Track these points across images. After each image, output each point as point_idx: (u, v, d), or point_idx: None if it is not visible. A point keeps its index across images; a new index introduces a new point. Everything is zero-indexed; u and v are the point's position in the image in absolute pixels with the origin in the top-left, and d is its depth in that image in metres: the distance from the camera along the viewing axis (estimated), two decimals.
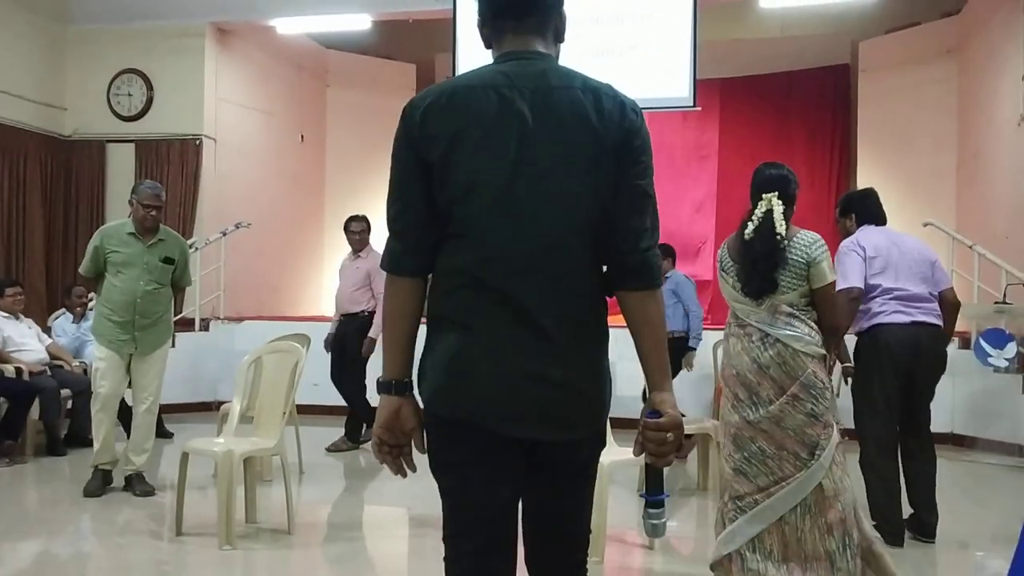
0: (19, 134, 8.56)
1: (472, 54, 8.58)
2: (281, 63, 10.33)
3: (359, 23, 9.15)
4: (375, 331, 6.58)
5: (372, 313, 6.74)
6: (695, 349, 6.45)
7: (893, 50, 9.64)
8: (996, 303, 6.80)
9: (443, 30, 8.84)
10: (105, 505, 5.03)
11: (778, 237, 3.30)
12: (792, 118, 10.56)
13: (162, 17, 9.02)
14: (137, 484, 5.14)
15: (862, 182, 9.93)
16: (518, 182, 1.74)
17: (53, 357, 6.76)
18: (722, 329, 4.94)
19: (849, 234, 4.48)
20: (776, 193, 3.38)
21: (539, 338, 1.75)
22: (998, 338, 6.63)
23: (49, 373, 6.57)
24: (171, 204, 9.05)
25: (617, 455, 4.18)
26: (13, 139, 8.49)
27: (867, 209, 4.51)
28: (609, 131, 1.77)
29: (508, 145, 1.74)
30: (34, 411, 6.28)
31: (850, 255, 4.26)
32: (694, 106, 8.27)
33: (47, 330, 7.19)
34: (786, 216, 3.36)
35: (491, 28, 1.89)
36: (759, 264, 3.29)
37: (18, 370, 6.34)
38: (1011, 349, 6.56)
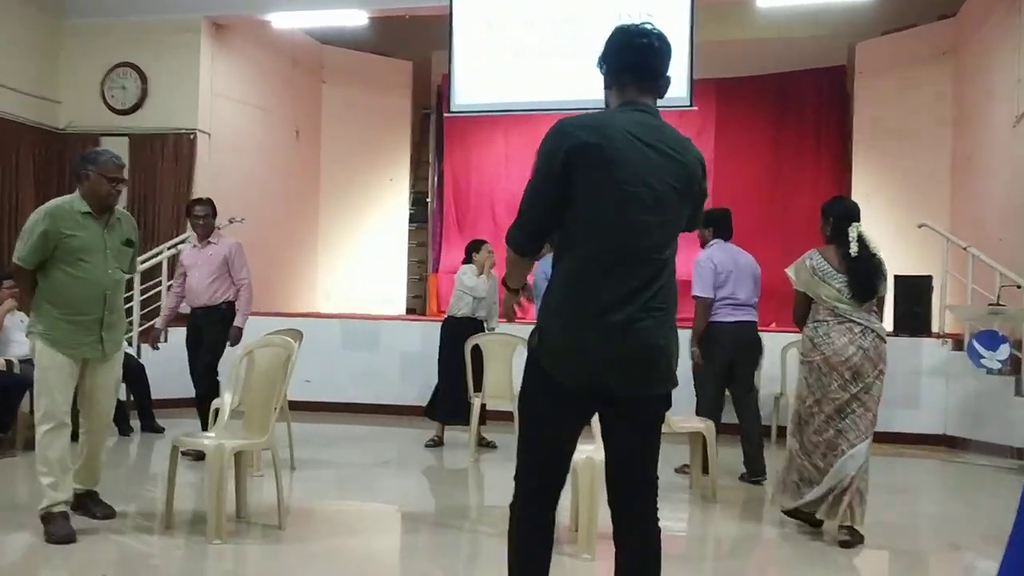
0: (12, 127, 8.53)
1: (468, 52, 8.57)
2: (276, 58, 10.31)
3: (355, 19, 9.14)
4: (242, 319, 6.12)
5: (232, 304, 6.17)
6: None
7: (889, 52, 9.65)
8: (990, 305, 6.82)
9: (440, 27, 8.83)
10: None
11: (877, 257, 4.36)
12: (788, 119, 10.57)
13: (157, 11, 8.99)
14: (93, 505, 4.42)
15: (857, 183, 9.95)
16: (639, 206, 2.36)
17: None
18: None
19: (706, 242, 5.87)
20: (860, 222, 4.39)
21: (652, 316, 2.39)
22: (991, 340, 6.64)
23: None
24: (165, 199, 9.03)
25: None
26: (6, 132, 8.46)
27: (724, 226, 5.86)
28: (694, 180, 2.47)
29: (637, 177, 2.35)
30: (25, 404, 6.24)
31: (707, 269, 5.67)
32: (691, 106, 8.27)
33: None
34: None
35: (614, 76, 2.50)
36: (872, 277, 4.32)
37: (8, 363, 6.31)
38: (1004, 351, 6.57)
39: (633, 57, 2.47)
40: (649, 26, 2.51)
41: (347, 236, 11.32)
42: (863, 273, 4.30)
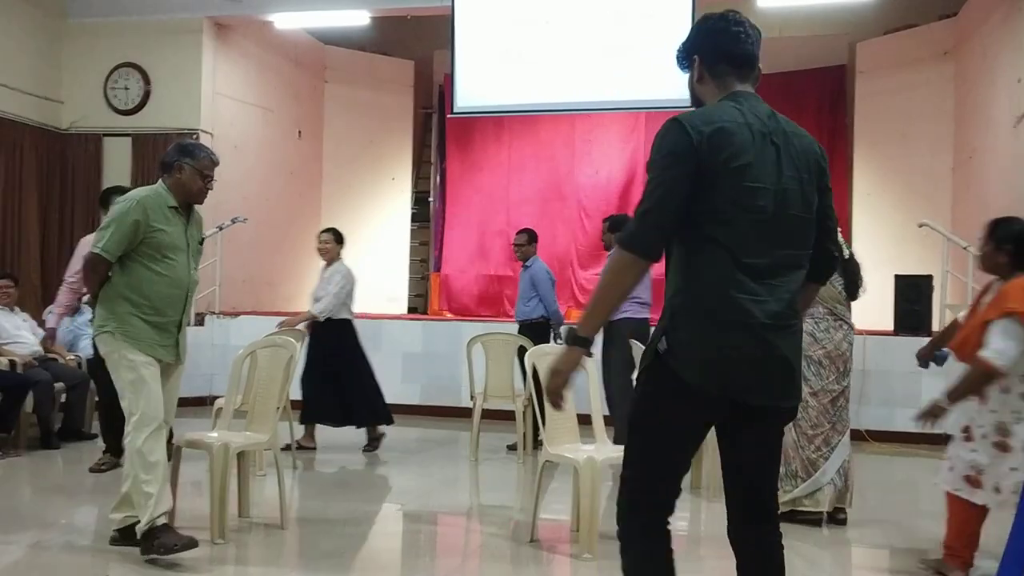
0: (15, 127, 8.55)
1: (470, 53, 8.58)
2: (279, 58, 10.32)
3: (357, 19, 9.15)
4: (55, 320, 5.97)
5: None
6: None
7: (890, 51, 9.66)
8: None
9: (441, 27, 8.85)
10: (98, 499, 5.03)
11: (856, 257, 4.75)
12: (789, 118, 10.56)
13: (160, 11, 9.01)
14: (163, 535, 3.79)
15: (859, 182, 9.96)
16: (777, 203, 2.19)
17: (47, 350, 6.75)
18: None
19: (611, 247, 6.11)
20: None
21: (789, 324, 2.25)
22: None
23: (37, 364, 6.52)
24: None
25: (610, 452, 4.19)
26: (10, 132, 8.48)
27: None
28: (819, 170, 2.34)
29: (764, 171, 2.19)
30: (28, 404, 6.26)
31: None
32: (692, 107, 8.26)
33: (42, 323, 7.18)
34: None
35: (709, 68, 2.35)
36: (858, 275, 4.65)
37: (11, 363, 6.32)
38: None
39: (730, 45, 2.34)
40: (738, 13, 2.38)
41: (349, 235, 11.24)
42: (853, 272, 4.61)
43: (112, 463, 5.65)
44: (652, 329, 6.02)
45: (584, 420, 4.38)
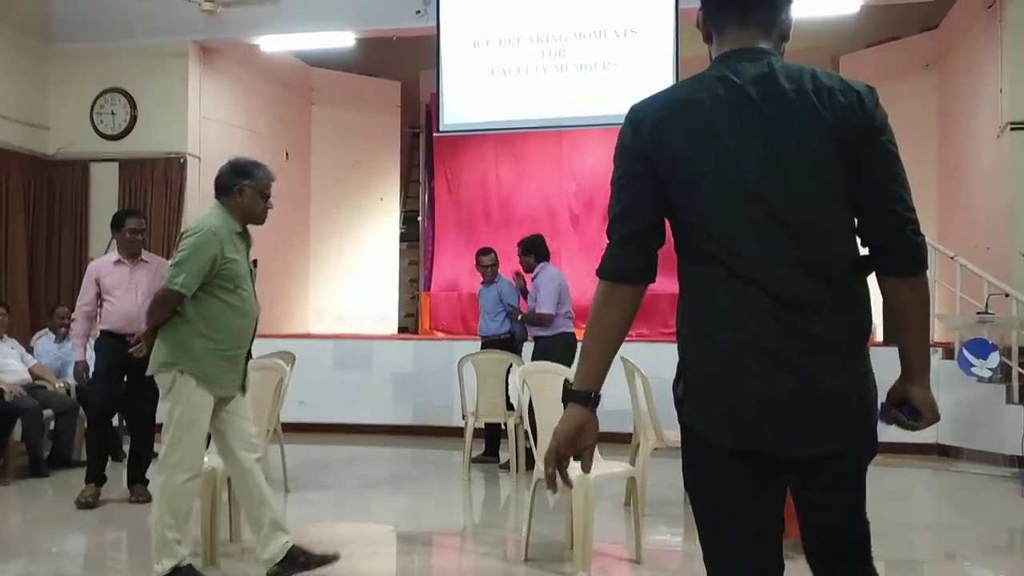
0: (1, 153, 8.52)
1: (455, 71, 8.62)
2: (265, 81, 10.34)
3: (343, 41, 9.18)
4: (81, 352, 5.61)
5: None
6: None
7: (873, 64, 9.74)
8: (978, 313, 6.85)
9: (427, 47, 8.88)
10: (89, 526, 4.99)
11: None
12: None
13: (145, 36, 9.01)
14: (301, 556, 3.80)
15: None
16: (769, 191, 1.69)
17: (36, 377, 6.71)
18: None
19: (531, 268, 6.60)
20: None
21: (815, 347, 1.72)
22: (981, 348, 6.67)
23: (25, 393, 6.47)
24: (155, 223, 9.02)
25: (603, 469, 4.18)
26: None
27: (542, 250, 6.64)
28: (846, 127, 1.69)
29: (748, 155, 1.70)
30: (16, 432, 6.21)
31: (554, 289, 6.41)
32: None
33: (31, 350, 7.14)
34: None
35: (712, 21, 1.84)
36: None
37: None
38: (994, 359, 6.60)
39: None
40: None
41: (338, 256, 11.33)
42: None
43: (97, 493, 5.49)
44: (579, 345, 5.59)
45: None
